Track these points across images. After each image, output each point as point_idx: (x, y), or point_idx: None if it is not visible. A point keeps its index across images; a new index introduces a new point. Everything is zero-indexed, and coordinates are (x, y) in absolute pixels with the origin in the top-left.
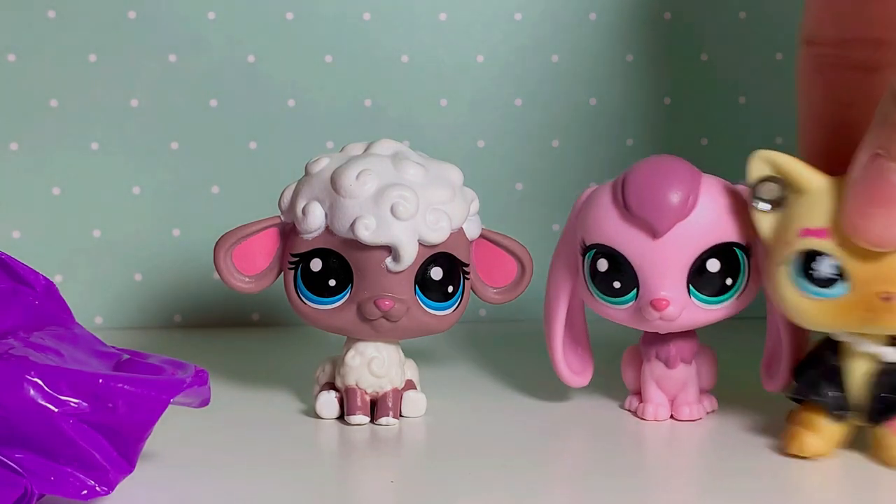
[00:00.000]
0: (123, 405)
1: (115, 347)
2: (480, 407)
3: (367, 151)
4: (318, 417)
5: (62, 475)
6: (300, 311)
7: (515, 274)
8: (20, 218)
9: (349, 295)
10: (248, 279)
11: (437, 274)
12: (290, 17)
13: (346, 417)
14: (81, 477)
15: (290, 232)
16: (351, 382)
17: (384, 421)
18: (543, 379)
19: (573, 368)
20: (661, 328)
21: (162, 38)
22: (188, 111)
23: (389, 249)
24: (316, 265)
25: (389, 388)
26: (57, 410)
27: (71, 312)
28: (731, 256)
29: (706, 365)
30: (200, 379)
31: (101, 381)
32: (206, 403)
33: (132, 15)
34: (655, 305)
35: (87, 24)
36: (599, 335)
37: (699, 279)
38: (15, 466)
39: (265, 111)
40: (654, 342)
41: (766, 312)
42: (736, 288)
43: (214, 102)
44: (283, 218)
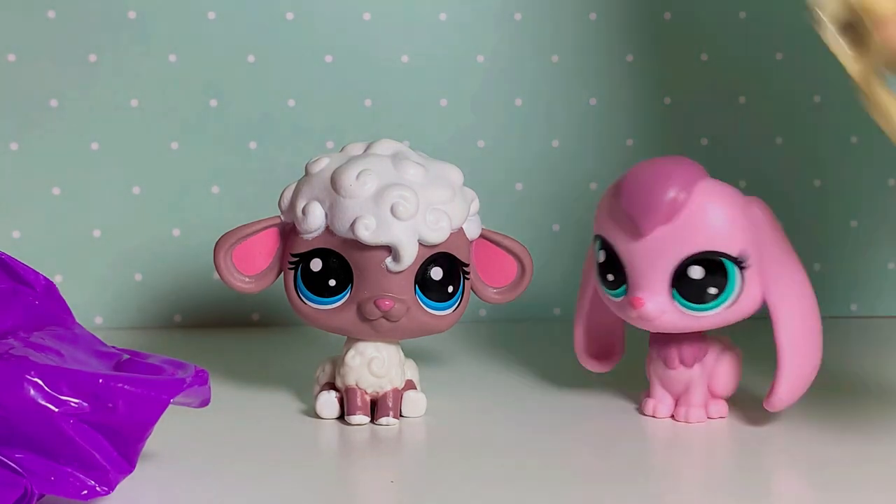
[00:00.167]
0: (123, 405)
1: (115, 347)
2: (480, 407)
3: (367, 151)
4: (318, 417)
5: (62, 475)
6: (300, 311)
7: (515, 274)
8: (20, 218)
9: (349, 295)
10: (248, 279)
11: (437, 274)
12: (290, 17)
13: (346, 417)
14: (81, 477)
15: (290, 232)
16: (351, 382)
17: (384, 421)
18: (543, 379)
19: (592, 353)
20: (642, 326)
21: (162, 38)
22: (188, 111)
23: (389, 249)
24: (316, 265)
25: (389, 388)
26: (57, 410)
27: (71, 312)
28: (717, 266)
29: (723, 371)
30: (200, 379)
31: (101, 381)
32: (206, 403)
33: (132, 15)
34: (632, 303)
35: (87, 24)
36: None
37: (682, 284)
38: (15, 466)
39: (265, 111)
40: (658, 340)
41: None
42: (722, 299)
43: (214, 102)
44: (283, 218)
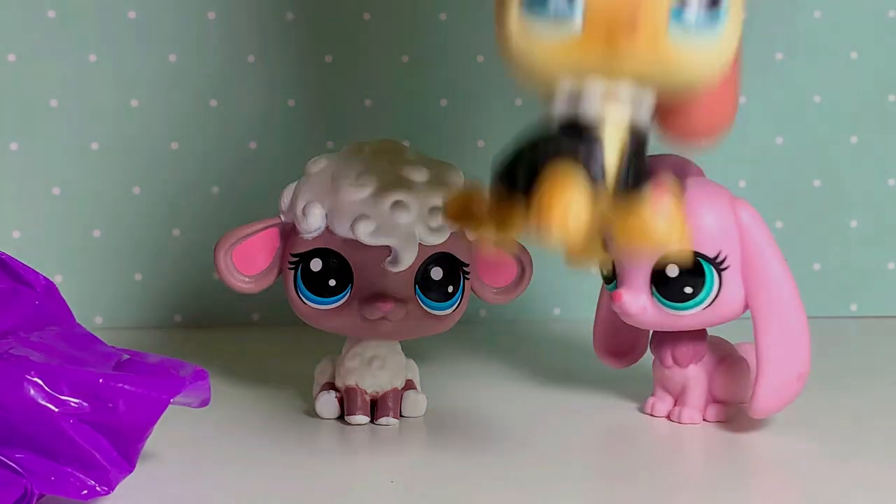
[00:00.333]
0: (123, 405)
1: (115, 347)
2: (480, 407)
3: (367, 151)
4: (318, 417)
5: (62, 475)
6: (300, 311)
7: (515, 274)
8: (20, 218)
9: (349, 295)
10: (248, 279)
11: (437, 274)
12: (290, 17)
13: (346, 417)
14: (81, 477)
15: (290, 232)
16: (351, 382)
17: (384, 421)
18: (543, 379)
19: (610, 349)
20: (629, 322)
21: (162, 38)
22: (188, 111)
23: (389, 249)
24: (316, 265)
25: (389, 388)
26: (57, 410)
27: (71, 312)
28: (693, 265)
29: (727, 376)
30: (200, 379)
31: (101, 381)
32: (206, 403)
33: (132, 15)
34: (612, 297)
35: (87, 24)
36: None
37: (660, 282)
38: (15, 466)
39: (265, 111)
40: (656, 339)
41: None
42: (700, 299)
43: (214, 102)
44: (283, 218)
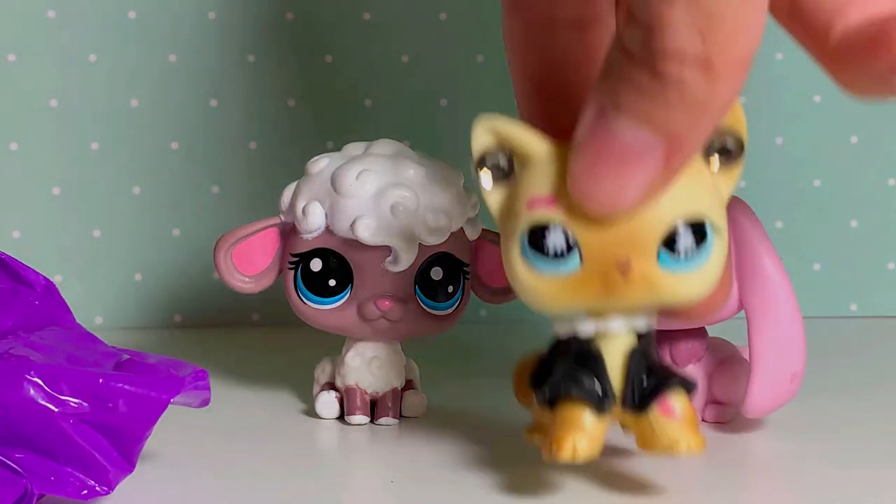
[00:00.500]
0: (123, 405)
1: (115, 347)
2: (480, 407)
3: (367, 151)
4: (318, 417)
5: (62, 475)
6: (300, 311)
7: None
8: (20, 218)
9: (349, 295)
10: (248, 279)
11: (437, 274)
12: (290, 17)
13: (346, 417)
14: (81, 477)
15: (290, 232)
16: (351, 382)
17: (384, 421)
18: None
19: None
20: None
21: (162, 38)
22: (188, 111)
23: (389, 249)
24: (316, 265)
25: (389, 388)
26: (57, 410)
27: (71, 312)
28: None
29: (727, 377)
30: (200, 379)
31: (101, 381)
32: (206, 403)
33: (132, 15)
34: None
35: (87, 24)
36: None
37: None
38: (15, 466)
39: (265, 111)
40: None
41: None
42: None
43: (214, 102)
44: (283, 218)
